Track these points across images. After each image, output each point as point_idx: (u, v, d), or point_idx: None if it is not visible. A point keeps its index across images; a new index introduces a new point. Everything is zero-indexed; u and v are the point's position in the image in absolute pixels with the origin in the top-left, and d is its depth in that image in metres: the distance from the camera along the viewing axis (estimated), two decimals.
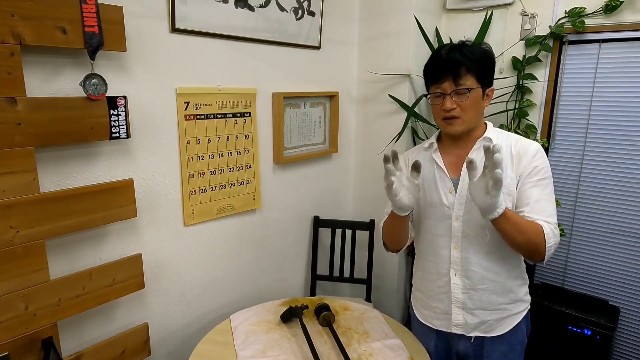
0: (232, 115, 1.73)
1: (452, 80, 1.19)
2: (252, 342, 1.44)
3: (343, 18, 2.20)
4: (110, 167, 1.39)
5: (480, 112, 1.26)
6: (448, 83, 1.20)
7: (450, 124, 1.23)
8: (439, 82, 1.22)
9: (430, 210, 1.32)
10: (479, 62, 1.21)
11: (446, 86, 1.21)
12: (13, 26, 1.07)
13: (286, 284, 2.19)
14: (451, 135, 1.28)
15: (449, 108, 1.20)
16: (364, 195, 2.47)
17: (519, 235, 1.12)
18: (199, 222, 1.69)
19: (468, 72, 1.19)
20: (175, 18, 1.47)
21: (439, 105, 1.23)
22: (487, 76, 1.24)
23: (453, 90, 1.20)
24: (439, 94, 1.23)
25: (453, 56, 1.20)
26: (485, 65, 1.22)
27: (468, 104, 1.20)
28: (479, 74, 1.20)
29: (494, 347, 1.33)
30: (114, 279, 1.39)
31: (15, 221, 1.15)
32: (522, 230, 1.12)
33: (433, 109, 1.28)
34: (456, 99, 1.20)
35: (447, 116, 1.22)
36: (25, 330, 1.21)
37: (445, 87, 1.21)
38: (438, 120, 1.27)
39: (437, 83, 1.23)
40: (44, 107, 1.16)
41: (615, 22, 1.90)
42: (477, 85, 1.21)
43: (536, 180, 1.20)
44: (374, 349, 1.42)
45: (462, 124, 1.22)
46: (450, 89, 1.20)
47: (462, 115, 1.21)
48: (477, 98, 1.22)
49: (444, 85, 1.21)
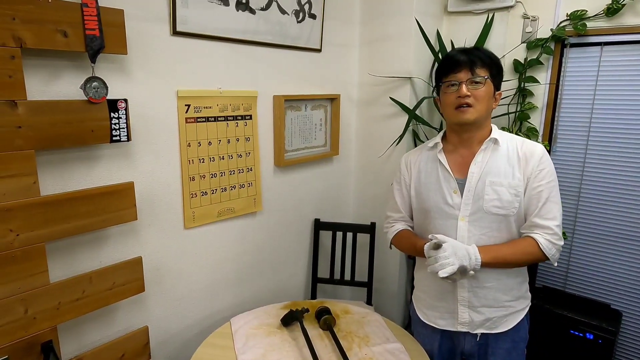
0: (233, 118, 1.73)
1: (468, 70, 1.22)
2: (253, 345, 1.43)
3: (344, 21, 2.20)
4: (110, 170, 1.39)
5: (489, 109, 1.28)
6: (464, 72, 1.23)
7: (463, 111, 1.23)
8: (456, 70, 1.24)
9: (436, 210, 1.32)
10: (493, 62, 1.26)
11: (462, 75, 1.23)
12: (14, 29, 1.07)
13: (287, 287, 2.18)
14: (462, 124, 1.27)
15: (464, 94, 1.22)
16: (364, 198, 2.46)
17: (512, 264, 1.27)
18: (199, 225, 1.69)
19: (483, 66, 1.23)
20: (176, 21, 1.46)
21: (453, 94, 1.24)
22: (498, 78, 1.27)
23: (469, 79, 1.22)
24: (454, 83, 1.24)
25: (470, 51, 1.26)
26: (496, 67, 1.27)
27: (482, 94, 1.23)
28: (492, 73, 1.24)
29: (498, 344, 1.35)
30: (114, 282, 1.39)
31: (15, 224, 1.14)
32: (512, 261, 1.25)
33: (445, 98, 1.28)
34: (471, 88, 1.22)
35: (462, 103, 1.23)
36: (25, 334, 1.20)
37: (461, 76, 1.23)
38: (449, 109, 1.27)
39: (453, 72, 1.24)
40: (44, 110, 1.16)
41: (617, 25, 1.90)
42: (490, 79, 1.24)
43: (545, 183, 1.24)
44: (374, 353, 1.41)
45: (474, 113, 1.23)
46: (466, 78, 1.23)
47: (475, 104, 1.23)
48: (489, 92, 1.25)
49: (460, 74, 1.23)
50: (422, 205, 1.37)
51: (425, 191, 1.36)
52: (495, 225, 1.26)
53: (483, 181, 1.26)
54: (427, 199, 1.35)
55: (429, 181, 1.35)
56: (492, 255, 1.21)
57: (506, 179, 1.25)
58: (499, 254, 1.22)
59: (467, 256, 1.18)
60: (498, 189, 1.24)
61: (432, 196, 1.33)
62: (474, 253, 1.19)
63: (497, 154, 1.27)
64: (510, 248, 1.25)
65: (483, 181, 1.26)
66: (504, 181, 1.24)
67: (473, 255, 1.19)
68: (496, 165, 1.26)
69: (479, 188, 1.26)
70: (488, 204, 1.25)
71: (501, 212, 1.24)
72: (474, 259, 1.19)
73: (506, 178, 1.25)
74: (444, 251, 1.17)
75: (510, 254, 1.24)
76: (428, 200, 1.34)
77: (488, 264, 1.21)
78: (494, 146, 1.28)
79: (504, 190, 1.24)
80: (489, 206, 1.24)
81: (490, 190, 1.25)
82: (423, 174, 1.38)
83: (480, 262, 1.19)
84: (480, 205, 1.25)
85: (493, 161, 1.27)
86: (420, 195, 1.38)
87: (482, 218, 1.26)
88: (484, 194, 1.25)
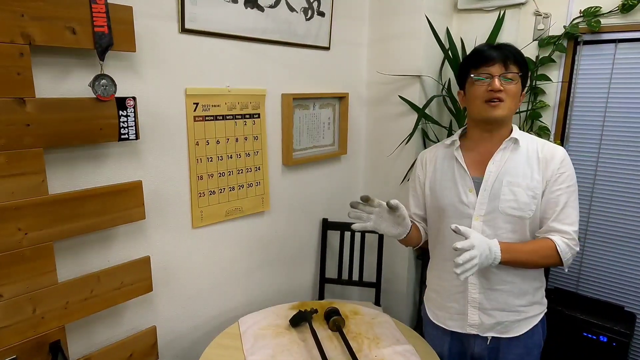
0: (241, 117, 1.72)
1: (502, 64, 1.19)
2: (261, 346, 1.42)
3: (353, 18, 2.18)
4: (119, 168, 1.38)
5: (516, 108, 1.24)
6: (498, 66, 1.19)
7: (495, 106, 1.20)
8: (489, 64, 1.20)
9: (450, 208, 1.30)
10: (524, 60, 1.23)
11: (495, 69, 1.19)
12: (23, 26, 1.06)
13: (294, 287, 2.17)
14: (491, 120, 1.23)
15: (498, 88, 1.18)
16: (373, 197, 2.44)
17: (528, 265, 1.23)
18: (207, 224, 1.68)
19: (515, 63, 1.20)
20: (184, 18, 1.45)
21: (484, 87, 1.20)
22: (525, 78, 1.24)
23: (502, 74, 1.19)
24: (487, 76, 1.20)
25: (502, 46, 1.23)
26: (526, 66, 1.23)
27: (514, 90, 1.20)
28: (522, 71, 1.21)
29: (510, 349, 1.32)
30: (122, 281, 1.38)
31: (24, 223, 1.13)
32: (528, 261, 1.21)
33: (474, 91, 1.23)
34: (504, 83, 1.19)
35: (494, 97, 1.19)
36: (33, 334, 1.20)
37: (494, 70, 1.19)
38: (478, 102, 1.22)
39: (485, 65, 1.20)
40: (53, 108, 1.15)
41: (631, 22, 1.86)
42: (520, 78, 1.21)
43: (565, 187, 1.21)
44: (384, 354, 1.39)
45: (505, 109, 1.20)
46: (499, 72, 1.19)
47: (506, 100, 1.19)
48: (519, 90, 1.22)
49: (493, 68, 1.19)
50: (437, 203, 1.34)
51: (440, 189, 1.33)
52: (509, 226, 1.23)
53: (500, 181, 1.23)
54: (442, 196, 1.32)
55: (444, 179, 1.33)
56: (511, 256, 1.17)
57: (524, 180, 1.21)
58: (518, 255, 1.19)
59: (487, 251, 1.12)
60: (515, 190, 1.21)
61: (447, 194, 1.31)
62: (494, 250, 1.14)
63: (517, 155, 1.24)
64: (529, 248, 1.21)
65: (500, 181, 1.23)
66: (522, 182, 1.21)
67: (493, 251, 1.14)
68: (515, 165, 1.23)
69: (495, 188, 1.23)
70: (504, 205, 1.22)
71: (517, 213, 1.22)
72: (492, 255, 1.14)
73: (524, 179, 1.22)
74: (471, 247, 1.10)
75: (528, 254, 1.20)
76: (443, 198, 1.32)
77: (507, 262, 1.17)
78: (513, 146, 1.25)
79: (522, 192, 1.21)
80: (505, 207, 1.22)
81: (507, 191, 1.22)
82: (439, 171, 1.36)
83: (500, 260, 1.15)
84: (496, 205, 1.23)
85: (512, 161, 1.24)
86: (434, 193, 1.35)
87: (497, 218, 1.23)
88: (500, 193, 1.22)
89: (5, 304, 1.13)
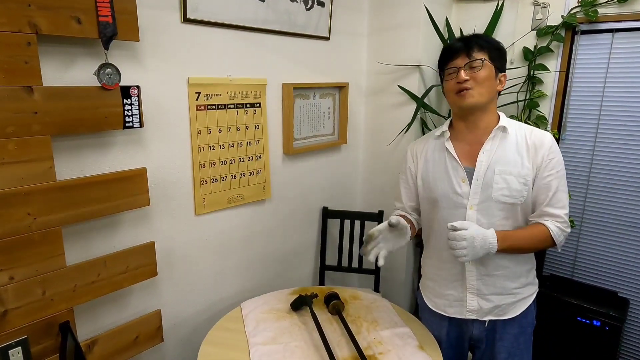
0: (242, 106, 1.74)
1: (465, 55, 1.23)
2: (263, 329, 1.46)
3: (352, 9, 2.20)
4: (123, 156, 1.41)
5: (492, 91, 1.27)
6: (461, 58, 1.24)
7: (463, 95, 1.24)
8: (453, 57, 1.25)
9: (444, 199, 1.33)
10: (491, 45, 1.26)
11: (459, 61, 1.24)
12: (30, 16, 1.09)
13: (295, 274, 2.21)
14: (463, 108, 1.27)
15: (462, 79, 1.22)
16: (372, 186, 2.47)
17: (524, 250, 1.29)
18: (210, 211, 1.71)
19: (481, 50, 1.24)
20: (186, 8, 1.47)
21: (453, 80, 1.26)
22: (499, 60, 1.27)
23: (466, 63, 1.23)
24: (454, 70, 1.25)
25: (466, 38, 1.29)
26: (496, 49, 1.27)
27: (481, 76, 1.23)
28: (491, 55, 1.24)
29: (507, 329, 1.37)
30: (128, 266, 1.42)
31: (32, 208, 1.17)
32: (525, 246, 1.26)
33: (446, 86, 1.30)
34: (469, 72, 1.23)
35: (461, 88, 1.23)
36: (43, 315, 1.24)
37: (458, 62, 1.24)
38: (451, 96, 1.28)
39: (451, 59, 1.26)
40: (59, 96, 1.18)
41: (628, 11, 1.87)
42: (489, 62, 1.24)
43: (555, 172, 1.25)
44: (383, 337, 1.43)
45: (474, 97, 1.24)
46: (463, 63, 1.23)
47: (475, 87, 1.23)
48: (489, 74, 1.24)
49: (457, 60, 1.24)
50: (430, 194, 1.37)
51: (433, 180, 1.36)
52: (503, 213, 1.27)
53: (492, 170, 1.26)
54: (435, 188, 1.35)
55: (436, 170, 1.36)
56: (508, 244, 1.22)
57: (515, 167, 1.25)
58: (515, 242, 1.23)
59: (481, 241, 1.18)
60: (507, 178, 1.25)
61: (440, 185, 1.33)
62: (490, 241, 1.19)
63: (506, 143, 1.27)
64: (524, 235, 1.25)
65: (492, 170, 1.26)
66: (513, 170, 1.25)
67: (488, 242, 1.19)
68: (505, 154, 1.26)
69: (487, 177, 1.26)
70: (497, 193, 1.25)
71: (509, 200, 1.25)
72: (487, 245, 1.18)
73: (515, 167, 1.25)
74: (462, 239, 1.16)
75: (524, 240, 1.25)
76: (436, 190, 1.35)
77: (504, 250, 1.21)
78: (502, 134, 1.28)
79: (513, 179, 1.24)
80: (498, 195, 1.25)
81: (500, 179, 1.25)
82: (430, 163, 1.38)
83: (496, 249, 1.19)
84: (489, 194, 1.26)
85: (502, 150, 1.27)
86: (427, 185, 1.38)
87: (491, 207, 1.26)
88: (493, 182, 1.25)
89: (16, 286, 1.17)
